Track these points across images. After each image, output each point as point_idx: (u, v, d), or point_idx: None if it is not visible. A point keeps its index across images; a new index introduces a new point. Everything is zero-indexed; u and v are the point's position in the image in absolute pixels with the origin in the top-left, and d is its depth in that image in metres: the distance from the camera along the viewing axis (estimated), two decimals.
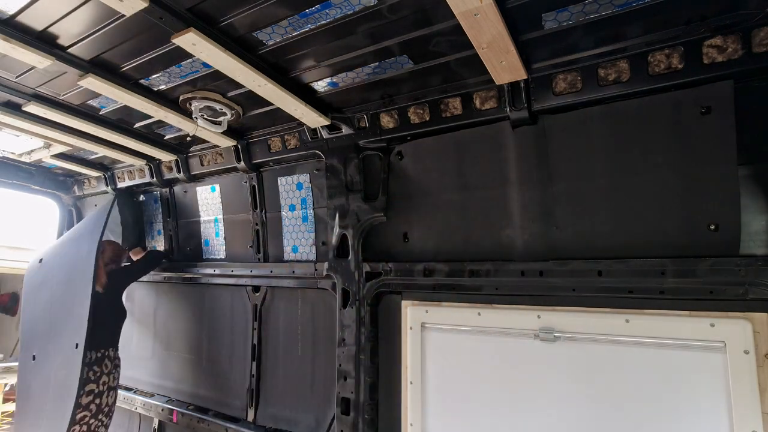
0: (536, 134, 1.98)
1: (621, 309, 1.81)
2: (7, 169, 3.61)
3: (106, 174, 3.69)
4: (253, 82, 1.95)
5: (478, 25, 1.48)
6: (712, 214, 1.66)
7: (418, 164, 2.33)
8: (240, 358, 3.06)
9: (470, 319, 2.14)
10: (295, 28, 1.70)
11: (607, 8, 1.50)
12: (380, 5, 1.54)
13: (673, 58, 1.65)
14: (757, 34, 1.51)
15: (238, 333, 3.10)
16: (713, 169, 1.65)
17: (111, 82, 2.06)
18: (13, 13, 1.68)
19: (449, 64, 1.89)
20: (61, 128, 2.67)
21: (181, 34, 1.64)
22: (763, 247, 1.61)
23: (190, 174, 3.20)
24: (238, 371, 3.06)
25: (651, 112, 1.75)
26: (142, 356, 3.65)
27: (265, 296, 2.98)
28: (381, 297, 2.46)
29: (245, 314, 3.07)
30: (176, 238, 3.52)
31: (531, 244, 2.02)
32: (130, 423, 3.60)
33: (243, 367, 3.03)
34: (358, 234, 2.45)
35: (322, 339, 2.70)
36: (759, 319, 1.58)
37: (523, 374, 1.99)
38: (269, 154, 2.78)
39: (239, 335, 3.09)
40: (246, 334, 3.04)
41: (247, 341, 3.02)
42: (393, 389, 2.36)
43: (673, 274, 1.71)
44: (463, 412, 2.13)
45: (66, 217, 4.21)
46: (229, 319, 3.17)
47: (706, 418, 1.62)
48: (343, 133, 2.43)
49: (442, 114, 2.15)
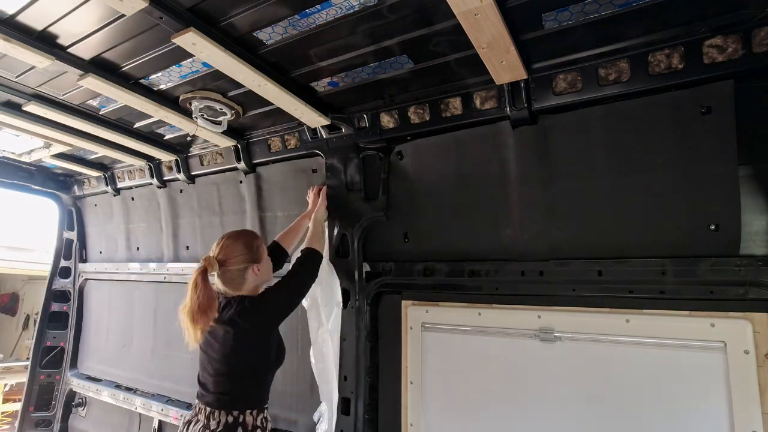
0: (536, 134, 1.97)
1: (621, 309, 1.81)
2: (7, 169, 3.61)
3: (106, 174, 3.69)
4: (253, 81, 1.95)
5: (478, 25, 1.48)
6: (712, 214, 1.66)
7: (418, 164, 2.32)
8: None
9: (470, 319, 2.14)
10: (295, 28, 1.70)
11: (608, 8, 1.50)
12: (380, 5, 1.54)
13: (673, 58, 1.64)
14: (757, 34, 1.51)
15: None
16: (713, 169, 1.65)
17: (111, 81, 2.06)
18: (13, 13, 1.68)
19: (449, 64, 1.89)
20: (61, 128, 2.67)
21: (181, 34, 1.63)
22: (763, 247, 1.61)
23: (190, 174, 3.20)
24: None
25: (651, 112, 1.75)
26: (142, 356, 3.65)
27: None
28: (381, 297, 2.46)
29: None
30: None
31: (531, 244, 2.02)
32: (130, 423, 3.60)
33: None
34: (358, 234, 2.45)
35: None
36: (759, 319, 1.58)
37: (523, 374, 1.99)
38: (269, 153, 2.78)
39: None
40: None
41: None
42: (393, 389, 2.36)
43: (673, 274, 1.70)
44: (463, 412, 2.13)
45: (66, 217, 4.21)
46: None
47: (706, 418, 1.62)
48: (343, 133, 2.43)
49: (442, 114, 2.15)
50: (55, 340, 4.08)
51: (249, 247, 1.92)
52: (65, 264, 4.20)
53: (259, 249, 1.97)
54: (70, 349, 4.08)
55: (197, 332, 1.81)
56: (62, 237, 4.22)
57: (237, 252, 1.89)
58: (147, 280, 3.63)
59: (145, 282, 3.67)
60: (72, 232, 4.21)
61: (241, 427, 1.81)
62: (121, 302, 3.87)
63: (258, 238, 2.02)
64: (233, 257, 1.88)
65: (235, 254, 1.88)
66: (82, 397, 3.99)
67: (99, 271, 4.02)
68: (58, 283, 4.15)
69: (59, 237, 4.22)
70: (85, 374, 4.00)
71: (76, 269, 4.19)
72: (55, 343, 4.07)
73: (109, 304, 3.98)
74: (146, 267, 3.62)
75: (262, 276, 1.96)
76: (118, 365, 3.79)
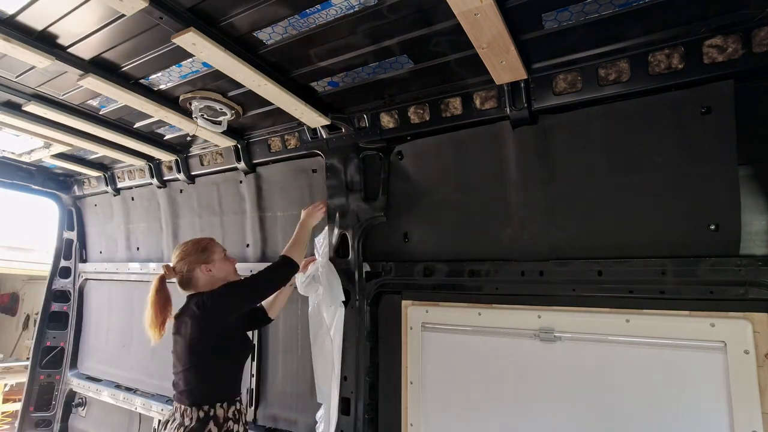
0: (536, 134, 1.97)
1: (621, 309, 1.81)
2: (7, 169, 3.61)
3: (106, 174, 3.69)
4: (253, 81, 1.95)
5: (478, 25, 1.48)
6: (712, 214, 1.66)
7: (418, 164, 2.33)
8: None
9: (470, 319, 2.14)
10: (295, 28, 1.70)
11: (608, 8, 1.50)
12: (380, 5, 1.54)
13: (673, 58, 1.64)
14: (757, 34, 1.51)
15: None
16: (713, 169, 1.65)
17: (111, 81, 2.06)
18: (13, 13, 1.68)
19: (449, 64, 1.89)
20: (61, 128, 2.67)
21: (181, 34, 1.63)
22: (763, 247, 1.61)
23: (190, 174, 3.20)
24: None
25: (651, 112, 1.75)
26: (142, 356, 3.64)
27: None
28: (381, 297, 2.46)
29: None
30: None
31: (531, 244, 2.02)
32: (130, 423, 3.60)
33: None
34: (358, 234, 2.45)
35: None
36: (759, 319, 1.58)
37: (524, 374, 1.99)
38: (269, 153, 2.78)
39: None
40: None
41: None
42: (393, 389, 2.36)
43: (673, 274, 1.70)
44: (463, 412, 2.13)
45: (66, 217, 4.21)
46: None
47: (706, 418, 1.62)
48: (343, 133, 2.43)
49: (442, 114, 2.15)
50: (55, 340, 4.08)
51: (197, 249, 2.07)
52: (65, 264, 4.20)
53: (208, 250, 2.09)
54: (70, 349, 4.09)
55: (157, 328, 2.02)
56: (62, 237, 4.22)
57: (186, 254, 2.05)
58: (147, 280, 3.63)
59: (145, 282, 3.67)
60: (72, 232, 4.21)
61: (212, 420, 1.88)
62: (121, 302, 3.87)
63: (209, 241, 2.14)
64: (183, 259, 2.04)
65: (185, 257, 2.04)
66: (82, 397, 3.99)
67: (99, 271, 4.02)
68: (58, 283, 4.15)
69: (59, 237, 4.22)
70: (85, 374, 4.00)
71: (76, 269, 4.19)
72: (55, 343, 4.07)
73: (109, 304, 3.98)
74: (146, 267, 3.62)
75: (215, 274, 2.06)
76: (118, 365, 3.79)
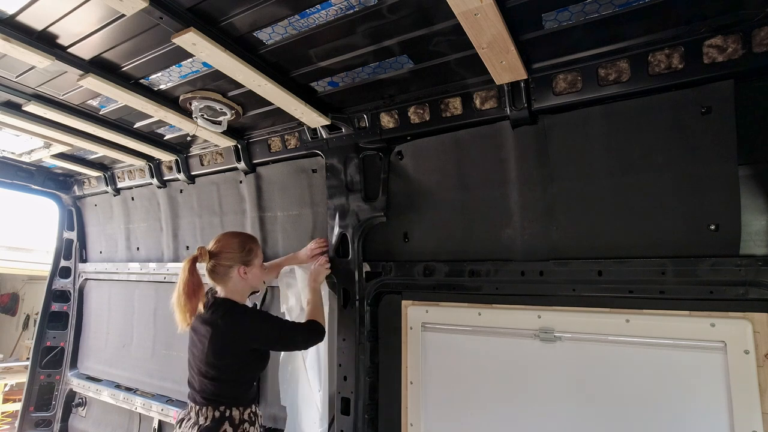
0: (536, 134, 1.97)
1: (621, 309, 1.81)
2: (7, 169, 3.61)
3: (106, 174, 3.69)
4: (253, 81, 1.95)
5: (478, 25, 1.48)
6: (712, 214, 1.66)
7: (418, 164, 2.33)
8: None
9: (470, 319, 2.14)
10: (295, 28, 1.70)
11: (608, 8, 1.50)
12: (380, 5, 1.54)
13: (673, 58, 1.64)
14: (757, 34, 1.51)
15: None
16: (713, 169, 1.65)
17: (111, 81, 2.06)
18: (13, 13, 1.68)
19: (449, 64, 1.89)
20: (61, 128, 2.67)
21: (181, 34, 1.63)
22: (763, 247, 1.61)
23: (190, 174, 3.20)
24: None
25: (651, 112, 1.75)
26: (142, 356, 3.65)
27: (265, 296, 2.98)
28: (381, 297, 2.46)
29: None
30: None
31: (531, 244, 2.02)
32: (130, 423, 3.60)
33: None
34: (358, 234, 2.45)
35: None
36: (759, 319, 1.58)
37: (523, 374, 1.99)
38: (269, 153, 2.78)
39: None
40: None
41: None
42: (393, 389, 2.36)
43: (673, 274, 1.70)
44: (463, 412, 2.13)
45: (66, 217, 4.21)
46: None
47: (706, 418, 1.62)
48: (343, 133, 2.43)
49: (442, 114, 2.15)
50: (55, 340, 4.08)
51: (242, 248, 2.00)
52: (65, 264, 4.20)
53: (252, 253, 2.02)
54: (70, 349, 4.09)
55: (186, 314, 1.90)
56: (62, 237, 4.22)
57: (230, 248, 1.97)
58: (147, 280, 3.64)
59: (145, 282, 3.67)
60: (72, 232, 4.21)
61: (227, 420, 1.87)
62: (121, 302, 3.87)
63: (255, 243, 2.06)
64: (225, 252, 1.96)
65: (228, 250, 1.97)
66: (82, 397, 3.99)
67: (99, 271, 4.02)
68: (58, 283, 4.16)
69: (59, 237, 4.22)
70: (85, 374, 4.00)
71: (76, 269, 4.19)
72: (55, 343, 4.07)
73: (109, 304, 3.98)
74: (146, 267, 3.62)
75: (249, 281, 2.01)
76: (118, 365, 3.79)
